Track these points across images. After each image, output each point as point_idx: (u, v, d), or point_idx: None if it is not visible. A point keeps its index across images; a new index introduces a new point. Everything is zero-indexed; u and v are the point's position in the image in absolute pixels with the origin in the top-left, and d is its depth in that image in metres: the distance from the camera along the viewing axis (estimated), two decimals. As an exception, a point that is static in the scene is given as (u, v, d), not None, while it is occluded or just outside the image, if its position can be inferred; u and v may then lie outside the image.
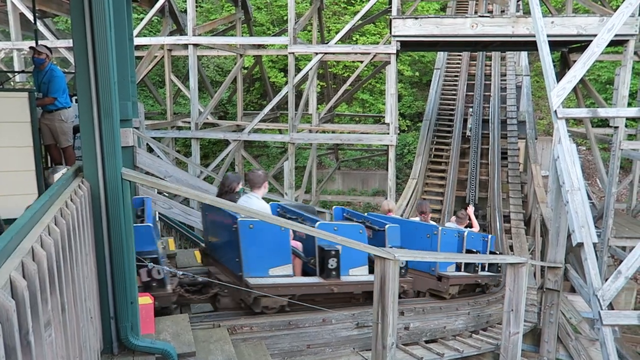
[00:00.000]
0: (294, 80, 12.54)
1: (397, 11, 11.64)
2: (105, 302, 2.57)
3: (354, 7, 23.16)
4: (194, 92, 13.02)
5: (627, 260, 5.34)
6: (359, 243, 3.81)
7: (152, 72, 19.98)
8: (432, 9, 23.76)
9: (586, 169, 19.94)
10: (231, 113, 21.42)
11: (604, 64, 19.92)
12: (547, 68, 6.71)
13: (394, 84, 12.08)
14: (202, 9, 23.79)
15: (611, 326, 5.18)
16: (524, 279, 4.90)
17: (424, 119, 18.90)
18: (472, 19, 10.91)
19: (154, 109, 20.21)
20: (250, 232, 4.21)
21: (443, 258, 5.99)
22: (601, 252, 10.73)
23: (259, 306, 4.18)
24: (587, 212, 5.51)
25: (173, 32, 16.36)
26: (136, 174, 2.69)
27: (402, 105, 22.95)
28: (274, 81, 22.26)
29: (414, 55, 23.19)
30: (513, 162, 16.59)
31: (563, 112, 6.23)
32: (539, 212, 12.93)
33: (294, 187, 13.22)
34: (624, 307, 13.36)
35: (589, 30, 10.19)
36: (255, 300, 4.15)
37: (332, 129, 16.11)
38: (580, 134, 15.85)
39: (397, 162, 18.33)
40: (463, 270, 6.79)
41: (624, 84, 10.24)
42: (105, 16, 2.29)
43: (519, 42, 11.85)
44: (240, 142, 14.46)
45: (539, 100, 22.50)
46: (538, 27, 7.13)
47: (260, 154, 22.62)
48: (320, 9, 16.72)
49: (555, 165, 6.01)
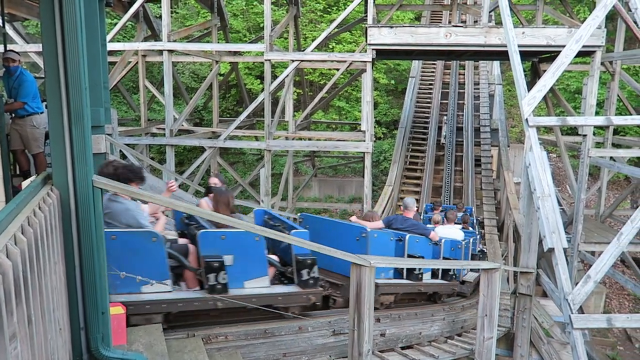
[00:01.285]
0: (270, 87, 12.53)
1: (372, 20, 11.76)
2: (75, 313, 2.50)
3: (330, 15, 23.32)
4: (169, 99, 12.88)
5: (595, 265, 5.48)
6: (335, 250, 3.81)
7: (126, 78, 19.69)
8: (407, 19, 24.10)
9: (557, 176, 20.44)
10: (207, 120, 21.25)
11: (572, 73, 20.50)
12: (518, 77, 6.87)
13: (369, 92, 12.19)
14: (177, 15, 23.61)
15: (581, 329, 5.29)
16: (497, 284, 4.98)
17: (400, 127, 19.11)
18: (446, 29, 11.11)
19: (127, 115, 19.91)
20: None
21: (417, 264, 6.04)
22: (571, 257, 10.99)
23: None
24: (557, 218, 5.63)
25: (147, 37, 16.17)
26: (108, 182, 2.64)
27: (378, 112, 23.16)
28: (250, 88, 22.20)
29: (389, 64, 23.46)
30: (486, 169, 16.89)
31: (534, 121, 6.38)
32: (511, 218, 13.18)
33: (270, 194, 13.17)
34: (593, 310, 13.68)
35: (558, 41, 10.48)
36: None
37: (309, 136, 16.13)
38: (550, 141, 16.25)
39: (373, 169, 18.46)
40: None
41: (592, 94, 10.55)
42: (76, 20, 2.25)
43: (491, 52, 12.11)
44: (216, 149, 14.34)
45: (511, 108, 23.00)
46: (509, 37, 7.30)
47: (237, 160, 22.48)
48: (297, 16, 16.78)
49: (526, 172, 6.14)
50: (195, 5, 22.61)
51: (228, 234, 4.06)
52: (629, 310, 15.80)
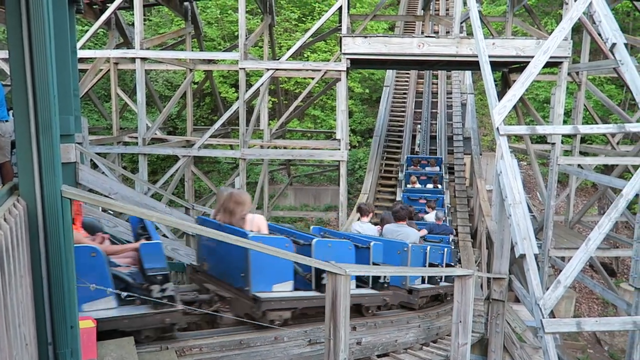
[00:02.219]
0: (245, 96, 12.49)
1: (347, 30, 11.87)
2: (43, 327, 2.42)
3: (304, 25, 23.44)
4: (142, 107, 12.70)
5: (565, 270, 5.60)
6: (308, 258, 3.80)
7: (98, 86, 19.34)
8: (380, 29, 24.42)
9: (527, 183, 20.90)
10: (181, 128, 21.02)
11: (541, 83, 21.08)
12: (489, 87, 7.02)
13: (344, 101, 12.27)
14: (150, 23, 23.36)
15: (553, 334, 5.40)
16: (471, 290, 5.04)
17: (374, 135, 19.27)
18: (418, 39, 11.29)
19: (99, 123, 19.54)
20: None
21: (393, 272, 6.07)
22: (542, 262, 11.21)
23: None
24: (528, 224, 5.75)
25: (120, 45, 15.94)
26: (78, 192, 2.58)
27: (353, 121, 23.33)
28: (225, 96, 22.09)
29: (364, 73, 23.69)
30: (459, 177, 17.15)
31: (505, 129, 6.52)
32: (484, 225, 13.39)
33: (245, 203, 13.05)
34: (564, 315, 13.98)
35: (527, 52, 10.76)
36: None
37: (284, 144, 16.12)
38: (521, 149, 16.63)
39: (348, 178, 18.54)
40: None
41: (560, 103, 10.86)
42: (44, 26, 2.20)
43: (463, 62, 12.34)
44: (190, 157, 14.18)
45: (482, 117, 23.48)
46: (480, 48, 7.46)
47: (211, 169, 22.28)
48: (271, 25, 16.81)
49: (498, 180, 6.26)
50: (169, 13, 22.43)
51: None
52: (598, 314, 16.20)
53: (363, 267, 5.12)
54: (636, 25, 21.97)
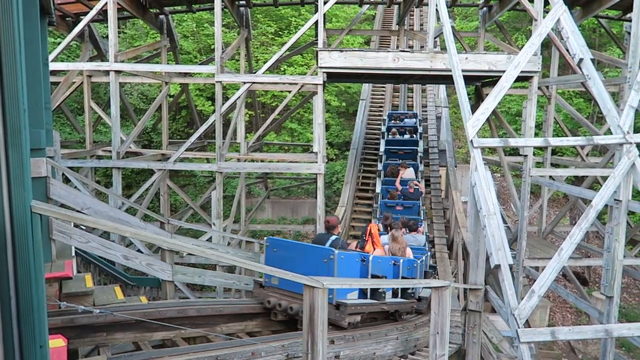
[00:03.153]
0: (221, 109, 12.44)
1: (323, 44, 11.98)
2: (10, 347, 2.34)
3: (281, 39, 23.56)
4: (116, 120, 12.52)
5: (539, 280, 5.70)
6: (289, 273, 3.77)
7: (71, 99, 19.02)
8: (356, 43, 24.73)
9: (501, 195, 21.27)
10: (156, 141, 20.77)
11: (513, 97, 21.58)
12: (462, 100, 7.16)
13: (321, 114, 12.33)
14: (125, 36, 23.14)
15: (528, 343, 5.47)
16: (448, 301, 5.08)
17: (351, 148, 19.38)
18: (393, 54, 11.46)
19: (71, 137, 19.16)
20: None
21: (371, 284, 6.07)
22: (517, 272, 11.38)
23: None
24: (502, 235, 5.84)
25: (93, 57, 15.75)
26: (48, 207, 2.51)
27: (330, 134, 23.43)
28: (202, 109, 21.95)
29: (340, 86, 23.89)
30: (436, 189, 17.34)
31: (478, 142, 6.65)
32: (460, 237, 13.54)
33: (222, 217, 12.95)
34: (539, 324, 14.18)
35: (499, 67, 11.02)
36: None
37: (261, 157, 16.07)
38: (494, 161, 16.95)
39: (326, 190, 18.55)
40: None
41: (531, 116, 11.12)
42: (14, 37, 2.16)
43: (437, 76, 12.57)
44: (166, 171, 14.01)
45: (457, 130, 23.88)
46: (453, 62, 7.62)
47: (187, 183, 22.03)
48: (248, 39, 16.86)
49: (473, 192, 6.36)
50: (144, 26, 22.28)
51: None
52: (572, 323, 16.49)
53: (342, 281, 5.11)
54: (602, 41, 22.77)
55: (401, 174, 14.77)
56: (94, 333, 4.31)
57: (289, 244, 6.73)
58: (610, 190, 6.38)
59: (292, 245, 6.72)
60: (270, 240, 6.63)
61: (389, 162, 16.79)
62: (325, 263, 5.84)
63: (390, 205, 13.99)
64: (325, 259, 5.89)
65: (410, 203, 13.66)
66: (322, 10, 11.82)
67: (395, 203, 14.02)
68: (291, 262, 5.94)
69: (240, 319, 5.74)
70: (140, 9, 14.05)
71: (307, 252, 6.22)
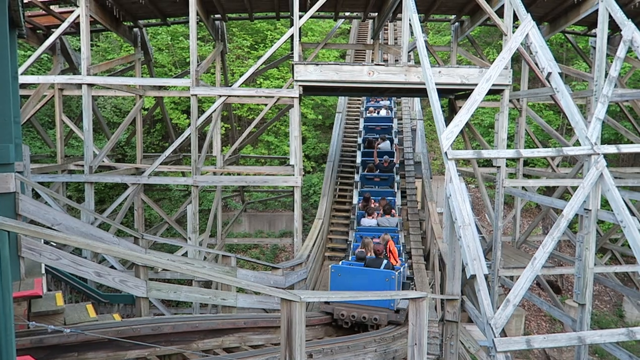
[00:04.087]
0: (196, 122, 12.36)
1: (298, 57, 12.05)
2: (-26, 371, 2.25)
3: (257, 52, 23.61)
4: (88, 134, 12.30)
5: (514, 289, 5.79)
6: (266, 287, 3.74)
7: (41, 112, 18.64)
8: (332, 57, 24.95)
9: (476, 205, 21.58)
10: (130, 155, 20.45)
11: (485, 110, 22.05)
12: (436, 113, 7.28)
13: (297, 127, 12.35)
14: (98, 49, 22.84)
15: (504, 352, 5.52)
16: (425, 312, 5.10)
17: (328, 160, 19.43)
18: (368, 67, 11.59)
19: (42, 151, 18.73)
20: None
21: (348, 297, 6.07)
22: (492, 282, 11.54)
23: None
24: (477, 245, 5.92)
25: (65, 70, 15.49)
26: (17, 224, 2.45)
27: (307, 147, 23.48)
28: (177, 123, 21.75)
29: (316, 99, 24.01)
30: (412, 200, 17.48)
31: (452, 154, 6.75)
32: (436, 247, 13.65)
33: (197, 232, 12.79)
34: (515, 333, 14.37)
35: (471, 80, 11.25)
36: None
37: (237, 170, 15.98)
38: (469, 173, 17.22)
39: (303, 203, 18.52)
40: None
41: (503, 128, 11.37)
42: (-19, 52, 2.12)
43: (412, 89, 12.75)
44: (140, 185, 13.80)
45: (432, 142, 24.23)
46: (427, 75, 7.76)
47: (162, 197, 21.71)
48: (223, 52, 16.84)
49: (448, 203, 6.44)
50: (118, 39, 22.05)
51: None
52: (546, 331, 16.75)
53: (319, 294, 5.09)
54: (569, 56, 23.51)
55: (377, 145, 17.12)
56: (64, 353, 4.18)
57: (353, 270, 8.48)
58: (580, 199, 6.54)
59: (357, 270, 8.47)
60: (335, 267, 8.52)
61: (367, 136, 18.94)
62: (387, 282, 7.93)
63: (369, 178, 16.22)
64: (387, 278, 8.00)
65: (386, 175, 16.23)
66: (298, 24, 11.91)
67: (374, 175, 16.27)
68: (358, 283, 7.97)
69: (216, 335, 5.65)
70: (114, 22, 13.91)
71: (371, 275, 8.15)
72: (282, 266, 9.86)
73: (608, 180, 6.70)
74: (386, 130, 19.35)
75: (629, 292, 14.20)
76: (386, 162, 16.25)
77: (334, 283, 8.26)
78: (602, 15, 10.44)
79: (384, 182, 16.14)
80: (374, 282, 7.95)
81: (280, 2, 13.71)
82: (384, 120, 20.28)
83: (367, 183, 16.06)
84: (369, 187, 15.85)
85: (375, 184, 16.04)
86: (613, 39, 14.41)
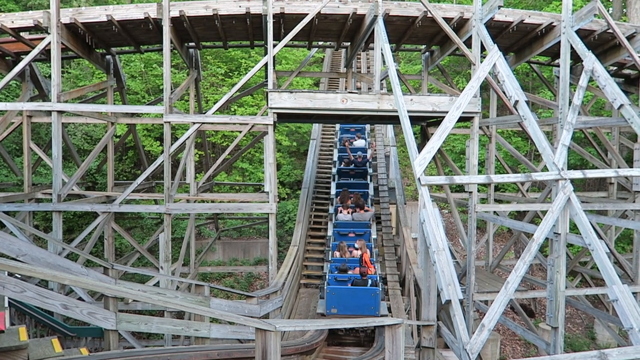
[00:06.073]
0: (170, 150, 12.25)
1: (273, 85, 12.16)
2: None
3: (231, 80, 23.71)
4: (57, 161, 12.03)
5: (488, 314, 5.82)
6: (241, 317, 3.67)
7: (8, 140, 18.17)
8: (306, 84, 25.24)
9: (449, 230, 21.81)
10: (101, 183, 20.04)
11: (457, 136, 22.52)
12: (409, 140, 7.41)
13: (272, 154, 12.36)
14: (69, 75, 22.54)
15: (481, 378, 5.51)
16: (402, 339, 5.07)
17: (303, 187, 19.43)
18: (342, 95, 11.76)
19: (8, 179, 18.19)
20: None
21: (324, 325, 5.99)
22: (467, 307, 11.58)
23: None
24: (452, 270, 5.97)
25: (35, 97, 15.23)
26: (-21, 255, 2.35)
27: (282, 173, 23.47)
28: (150, 150, 21.49)
29: (290, 126, 24.15)
30: (386, 226, 17.56)
31: (425, 180, 6.85)
32: (412, 273, 13.68)
33: (170, 260, 12.53)
34: (490, 358, 14.37)
35: (442, 108, 11.51)
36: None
37: (211, 198, 15.81)
38: (441, 198, 17.47)
39: (278, 230, 18.39)
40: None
41: (474, 154, 11.62)
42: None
43: (385, 117, 12.96)
44: (111, 214, 13.49)
45: (405, 168, 24.54)
46: (399, 103, 7.92)
47: (134, 225, 21.23)
48: (198, 79, 16.85)
49: (422, 228, 6.49)
50: (90, 66, 21.86)
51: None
52: (522, 355, 16.83)
53: (295, 323, 5.02)
54: (535, 84, 24.38)
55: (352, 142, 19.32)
56: (27, 391, 3.98)
57: (344, 289, 10.18)
58: (550, 224, 6.69)
59: (347, 289, 10.18)
60: (330, 288, 10.17)
61: (342, 136, 20.66)
62: (373, 296, 9.87)
63: (345, 171, 17.84)
64: (373, 294, 9.91)
65: (361, 169, 17.91)
66: (272, 53, 12.05)
67: (350, 169, 17.91)
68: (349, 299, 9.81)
69: (189, 368, 5.47)
70: (86, 49, 13.81)
71: (359, 292, 9.97)
72: (257, 294, 9.70)
73: (575, 205, 6.89)
74: (360, 131, 20.95)
75: (599, 314, 14.44)
76: (360, 157, 18.24)
77: (329, 300, 10.01)
78: (564, 46, 10.92)
79: (359, 174, 17.87)
80: (363, 297, 9.86)
81: (254, 31, 13.87)
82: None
83: (344, 176, 17.79)
84: (345, 179, 17.45)
85: (350, 177, 17.76)
86: (575, 68, 15.04)
